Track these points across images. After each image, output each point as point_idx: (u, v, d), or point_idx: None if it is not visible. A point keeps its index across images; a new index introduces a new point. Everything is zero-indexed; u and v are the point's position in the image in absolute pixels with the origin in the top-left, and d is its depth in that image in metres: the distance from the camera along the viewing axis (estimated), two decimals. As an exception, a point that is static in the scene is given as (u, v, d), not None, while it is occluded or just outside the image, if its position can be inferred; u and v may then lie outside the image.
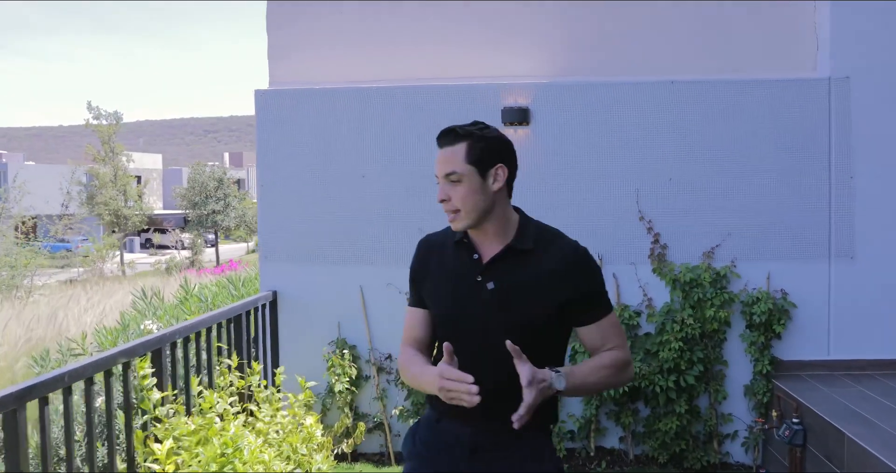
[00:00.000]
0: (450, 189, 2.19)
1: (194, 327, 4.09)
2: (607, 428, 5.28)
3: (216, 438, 3.62)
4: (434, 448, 2.28)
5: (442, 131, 2.22)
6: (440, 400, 2.13)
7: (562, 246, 2.20)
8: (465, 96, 5.29)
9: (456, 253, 2.26)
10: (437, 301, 2.28)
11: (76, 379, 3.02)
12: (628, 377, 2.23)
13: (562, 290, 2.13)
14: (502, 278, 2.17)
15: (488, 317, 2.14)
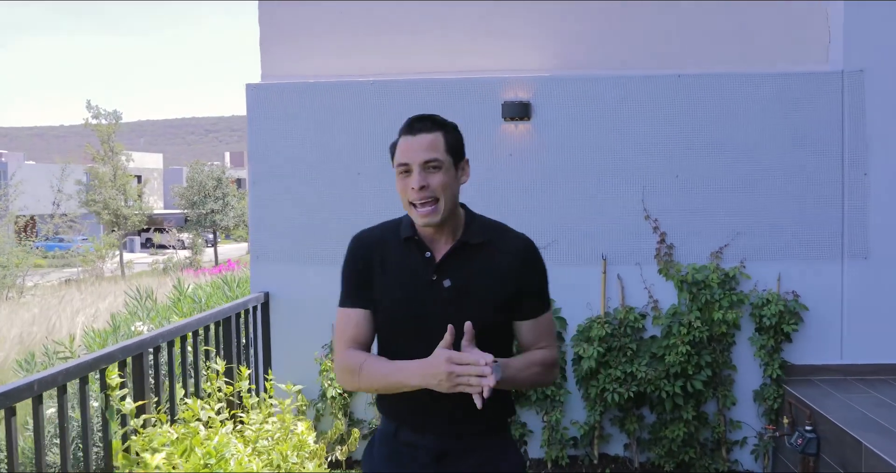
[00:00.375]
0: (430, 177, 2.12)
1: (179, 330, 3.91)
2: (611, 435, 5.09)
3: (199, 448, 3.43)
4: (395, 461, 2.22)
5: (417, 117, 2.17)
6: (396, 410, 2.19)
7: (512, 239, 2.21)
8: (464, 90, 5.10)
9: (405, 251, 2.20)
10: (391, 302, 2.18)
11: (47, 387, 2.83)
12: (555, 377, 2.24)
13: (513, 284, 2.14)
14: (458, 275, 2.14)
15: (447, 316, 2.07)
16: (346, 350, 2.21)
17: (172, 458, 3.31)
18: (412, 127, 2.16)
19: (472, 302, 2.12)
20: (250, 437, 4.03)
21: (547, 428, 5.03)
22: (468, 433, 2.15)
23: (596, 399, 4.95)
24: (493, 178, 5.08)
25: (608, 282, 5.06)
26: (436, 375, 1.96)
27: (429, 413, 2.11)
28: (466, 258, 2.16)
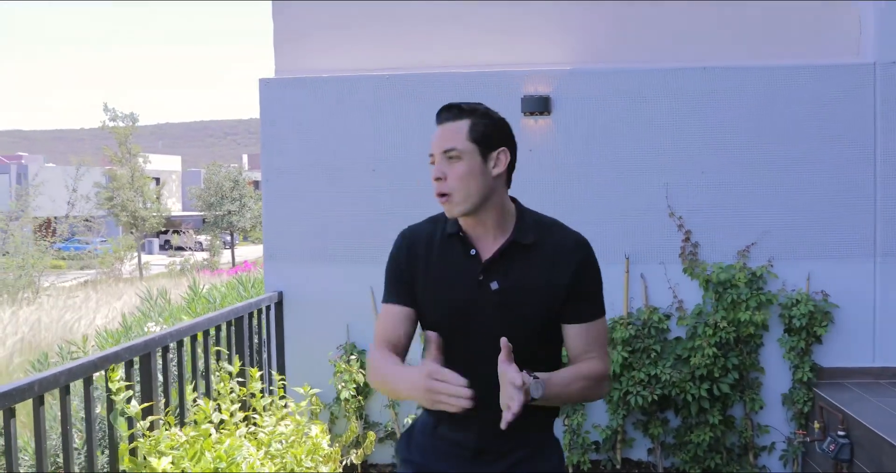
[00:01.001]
0: (447, 167, 2.02)
1: (189, 330, 3.79)
2: (634, 439, 4.93)
3: (209, 451, 3.31)
4: (432, 456, 2.16)
5: (444, 106, 2.07)
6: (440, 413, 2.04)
7: (563, 236, 2.08)
8: (483, 84, 4.96)
9: (449, 247, 2.08)
10: (434, 302, 2.07)
11: (48, 388, 2.71)
12: (606, 391, 2.11)
13: (563, 284, 2.01)
14: (507, 277, 2.02)
15: (494, 319, 1.99)
16: (376, 348, 2.12)
17: (181, 462, 3.20)
18: (439, 116, 2.07)
19: (521, 307, 2.00)
20: (263, 440, 3.91)
21: (568, 432, 4.88)
22: (510, 435, 1.96)
23: (619, 402, 4.80)
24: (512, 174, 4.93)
25: (631, 282, 4.90)
26: (417, 389, 1.82)
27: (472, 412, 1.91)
28: (517, 259, 2.03)
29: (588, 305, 2.05)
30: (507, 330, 1.92)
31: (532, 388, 1.84)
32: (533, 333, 2.01)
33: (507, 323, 1.98)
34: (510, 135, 2.09)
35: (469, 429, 2.07)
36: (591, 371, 2.01)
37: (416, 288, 2.10)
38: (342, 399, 4.88)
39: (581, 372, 2.00)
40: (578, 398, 2.05)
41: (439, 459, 2.15)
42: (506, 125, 2.09)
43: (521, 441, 2.09)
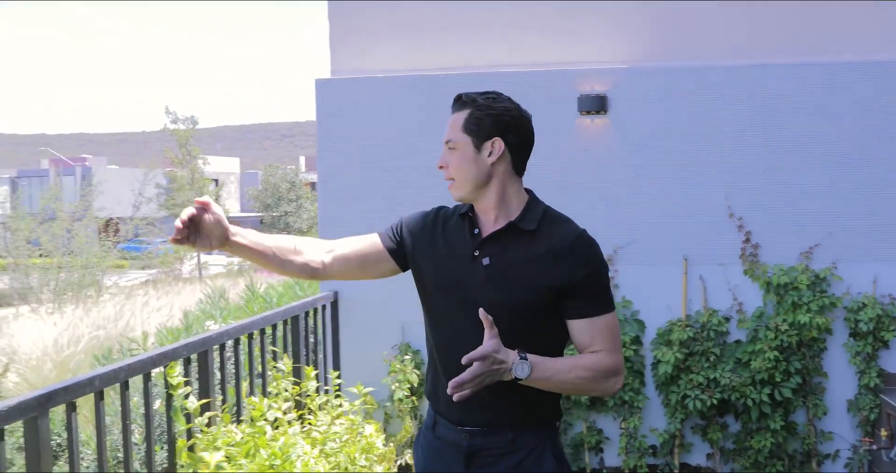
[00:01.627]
0: (448, 156, 2.13)
1: (246, 328, 3.82)
2: (693, 444, 4.84)
3: (264, 449, 3.33)
4: (432, 457, 2.22)
5: (454, 96, 2.16)
6: (435, 398, 2.18)
7: (566, 230, 2.10)
8: (538, 84, 4.93)
9: (460, 225, 2.18)
10: (435, 274, 2.17)
11: (108, 383, 2.75)
12: (611, 387, 2.07)
13: (557, 275, 2.03)
14: (498, 255, 2.08)
15: (480, 295, 2.05)
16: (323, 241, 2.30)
17: (237, 459, 3.22)
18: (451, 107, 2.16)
19: (508, 284, 2.05)
20: (318, 438, 3.92)
21: (625, 436, 4.82)
22: (503, 430, 2.08)
23: (676, 405, 4.72)
24: (567, 174, 4.89)
25: (689, 284, 4.82)
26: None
27: (464, 405, 1.98)
28: (513, 241, 2.09)
29: (590, 300, 2.06)
30: (495, 307, 1.97)
31: (516, 367, 1.91)
32: (522, 316, 2.04)
33: (496, 300, 2.02)
34: (512, 124, 2.11)
35: (463, 424, 2.11)
36: (593, 363, 2.02)
37: (415, 254, 2.21)
38: (396, 399, 4.88)
39: (581, 363, 2.02)
40: (576, 388, 2.06)
41: (438, 460, 2.19)
42: (509, 115, 2.11)
43: (515, 443, 2.09)
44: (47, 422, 2.47)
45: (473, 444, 2.10)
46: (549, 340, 2.09)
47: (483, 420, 2.09)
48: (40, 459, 2.44)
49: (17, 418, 2.35)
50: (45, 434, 2.45)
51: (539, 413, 2.11)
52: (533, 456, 2.09)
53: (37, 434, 2.43)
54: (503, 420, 2.08)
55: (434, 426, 2.21)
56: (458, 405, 1.99)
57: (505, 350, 1.92)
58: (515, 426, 2.09)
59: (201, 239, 2.08)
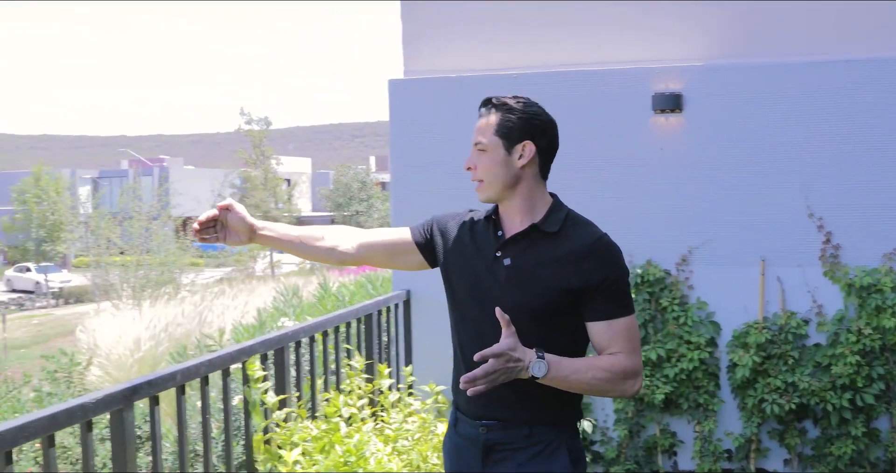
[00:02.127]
0: (477, 158, 2.18)
1: (321, 325, 3.88)
2: (770, 449, 4.74)
3: (339, 445, 3.38)
4: (454, 455, 2.27)
5: (483, 99, 2.22)
6: (458, 399, 2.25)
7: (586, 232, 2.14)
8: (612, 82, 4.88)
9: (485, 227, 2.24)
10: (459, 274, 2.24)
11: (189, 377, 2.83)
12: (629, 389, 2.10)
13: (576, 277, 2.07)
14: (519, 256, 2.13)
15: (501, 295, 2.10)
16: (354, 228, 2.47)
17: (313, 454, 3.28)
18: (479, 110, 2.23)
19: (528, 285, 2.10)
20: (390, 436, 3.95)
21: (699, 439, 4.74)
22: (519, 425, 2.12)
23: (753, 409, 4.63)
24: (642, 173, 4.83)
25: (767, 285, 4.72)
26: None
27: (483, 399, 2.06)
28: (535, 243, 2.14)
29: (607, 303, 2.08)
30: (515, 308, 2.04)
31: (533, 366, 1.96)
32: (538, 315, 2.07)
33: (515, 301, 2.07)
34: (541, 128, 2.17)
35: (478, 420, 2.16)
36: (611, 364, 2.06)
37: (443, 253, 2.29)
38: (468, 398, 4.89)
39: (598, 364, 2.06)
40: (592, 389, 2.08)
41: (458, 458, 2.25)
42: (538, 118, 2.18)
43: (530, 438, 2.12)
44: (132, 414, 2.55)
45: (490, 438, 2.15)
46: (568, 341, 2.12)
47: (500, 414, 2.14)
48: (125, 450, 2.52)
49: (105, 410, 2.44)
50: (130, 426, 2.54)
51: (557, 411, 2.14)
52: (547, 452, 2.12)
53: (122, 426, 2.51)
54: (520, 416, 2.12)
55: (456, 423, 2.27)
56: (476, 399, 2.06)
57: (522, 348, 1.96)
58: (532, 422, 2.13)
59: (230, 236, 2.34)
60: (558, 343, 2.07)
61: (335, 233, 2.42)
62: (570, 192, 4.78)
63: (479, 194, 2.20)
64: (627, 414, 4.84)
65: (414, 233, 2.36)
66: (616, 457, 4.84)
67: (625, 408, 4.85)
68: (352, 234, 2.42)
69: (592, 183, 4.83)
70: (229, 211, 2.33)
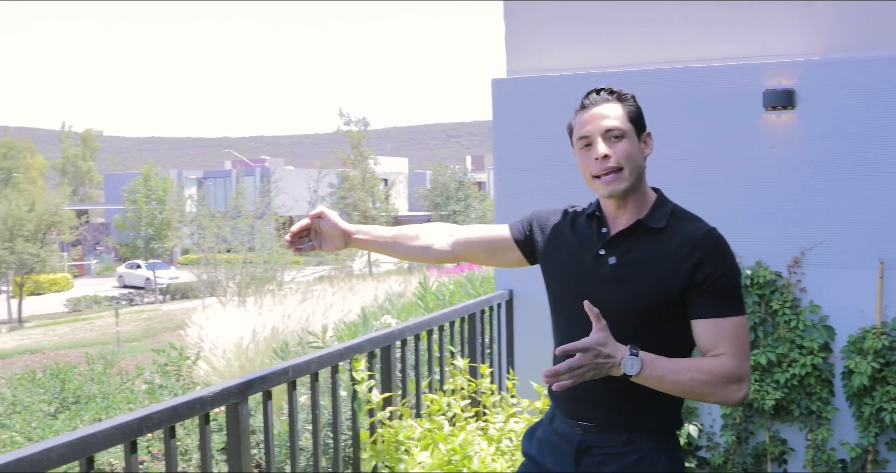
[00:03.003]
0: (611, 146, 2.08)
1: (425, 324, 3.90)
2: (888, 461, 4.53)
3: (443, 443, 3.40)
4: (546, 450, 2.21)
5: (594, 89, 2.17)
6: (555, 396, 2.18)
7: (693, 228, 2.05)
8: (721, 78, 4.76)
9: (587, 225, 2.18)
10: (557, 270, 2.20)
11: (300, 374, 2.89)
12: (733, 395, 1.96)
13: (683, 274, 1.99)
14: (625, 254, 2.07)
15: (605, 294, 2.03)
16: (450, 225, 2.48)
17: (417, 453, 3.30)
18: (588, 99, 2.15)
19: (634, 283, 2.02)
20: (493, 436, 3.95)
21: (811, 447, 4.58)
22: (617, 430, 2.05)
23: (870, 418, 4.44)
24: (751, 172, 4.69)
25: (886, 288, 4.51)
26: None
27: (581, 399, 2.06)
28: (641, 240, 2.07)
29: (714, 300, 1.98)
30: (619, 306, 1.99)
31: (626, 363, 1.88)
32: (646, 316, 2.00)
33: (620, 299, 2.01)
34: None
35: (577, 418, 2.10)
36: (712, 366, 1.94)
37: (543, 250, 2.27)
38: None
39: (699, 365, 1.95)
40: (692, 392, 1.96)
41: (550, 454, 2.18)
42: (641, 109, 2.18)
43: (630, 444, 2.04)
44: (247, 408, 2.62)
45: (585, 440, 2.09)
46: (673, 342, 2.04)
47: (596, 416, 2.07)
48: (239, 442, 2.59)
49: (221, 403, 2.51)
50: (245, 420, 2.60)
51: (656, 417, 2.06)
52: (647, 461, 2.04)
53: (237, 419, 2.58)
54: (617, 420, 2.05)
55: (552, 419, 2.22)
56: (572, 399, 2.07)
57: (615, 344, 1.89)
58: (630, 427, 2.05)
59: (326, 243, 2.37)
60: (662, 345, 1.99)
61: (430, 231, 2.41)
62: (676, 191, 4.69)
63: (608, 186, 2.07)
64: (735, 420, 4.71)
65: (513, 230, 2.34)
66: (723, 464, 4.72)
67: (732, 414, 4.72)
68: (448, 232, 2.41)
69: (698, 181, 4.72)
70: (321, 218, 2.36)
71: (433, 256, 2.41)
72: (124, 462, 2.25)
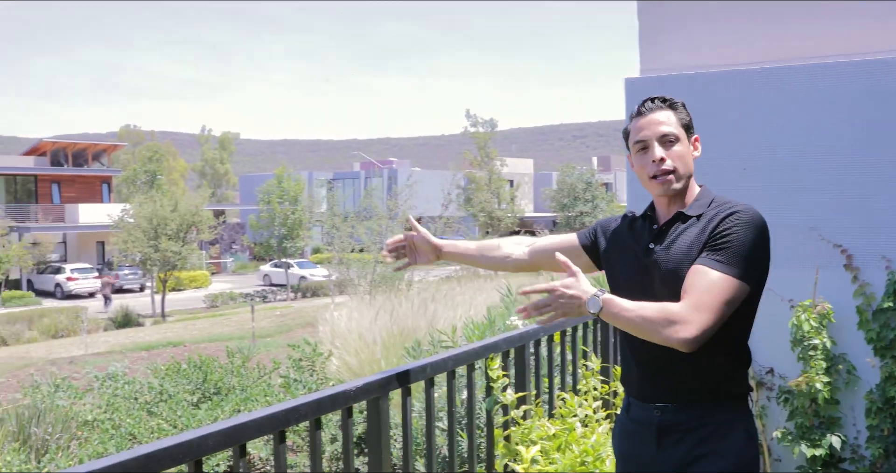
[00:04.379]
0: (666, 150, 2.27)
1: (559, 325, 3.89)
2: None
3: (576, 445, 3.39)
4: (625, 440, 2.34)
5: (647, 99, 2.40)
6: (628, 378, 2.35)
7: (728, 207, 2.20)
8: (866, 73, 4.54)
9: (641, 224, 2.36)
10: (619, 268, 2.37)
11: (438, 371, 2.95)
12: (672, 336, 2.04)
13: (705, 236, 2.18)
14: (669, 245, 2.23)
15: (655, 283, 2.21)
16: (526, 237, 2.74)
17: (551, 453, 3.31)
18: (645, 107, 2.37)
19: (678, 271, 2.17)
20: (626, 439, 3.91)
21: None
22: (692, 405, 2.19)
23: None
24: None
25: None
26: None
27: (654, 381, 2.22)
28: (682, 229, 2.24)
29: (711, 253, 2.13)
30: (668, 292, 2.14)
31: (590, 302, 2.10)
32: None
33: (669, 289, 2.15)
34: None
35: (654, 400, 2.24)
36: (660, 307, 2.08)
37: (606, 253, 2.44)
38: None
39: (650, 305, 2.10)
40: (637, 328, 2.11)
41: (632, 443, 2.31)
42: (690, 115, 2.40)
43: (703, 418, 2.18)
44: (387, 403, 2.69)
45: (664, 420, 2.22)
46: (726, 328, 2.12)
47: (670, 395, 2.21)
48: (380, 436, 2.66)
49: (363, 398, 2.59)
50: (385, 414, 2.67)
51: (725, 385, 2.21)
52: (721, 432, 2.17)
53: (378, 414, 2.66)
54: (692, 396, 2.20)
55: (628, 408, 2.36)
56: (647, 382, 2.25)
57: (582, 288, 2.11)
58: (704, 399, 2.20)
59: (420, 257, 2.65)
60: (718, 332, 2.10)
61: (509, 242, 2.66)
62: (822, 197, 4.52)
63: (664, 186, 2.26)
64: (883, 432, 4.49)
65: (580, 237, 2.54)
66: (869, 477, 4.51)
67: (879, 425, 4.51)
68: (525, 242, 2.64)
69: (853, 178, 4.53)
70: (415, 234, 2.64)
71: (512, 264, 2.65)
72: (273, 450, 2.35)
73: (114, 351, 21.76)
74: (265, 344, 19.41)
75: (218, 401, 7.88)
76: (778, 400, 4.76)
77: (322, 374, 8.39)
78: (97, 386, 8.94)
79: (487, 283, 16.96)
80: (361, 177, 51.73)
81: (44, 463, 7.33)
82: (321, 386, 7.76)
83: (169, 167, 63.60)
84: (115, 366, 10.68)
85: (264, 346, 18.38)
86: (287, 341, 13.04)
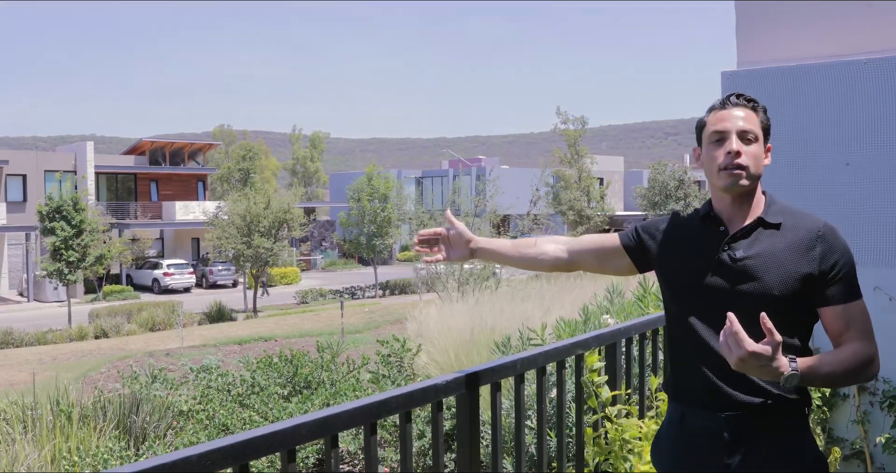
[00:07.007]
0: (743, 145, 2.20)
1: (650, 324, 3.82)
2: None
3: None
4: (682, 450, 2.24)
5: (733, 93, 2.31)
6: (686, 388, 2.25)
7: (811, 221, 2.19)
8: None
9: (703, 227, 2.28)
10: (677, 273, 2.29)
11: (528, 367, 2.92)
12: (871, 374, 2.10)
13: (808, 264, 2.12)
14: (750, 248, 2.17)
15: (730, 289, 2.15)
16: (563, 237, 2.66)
17: (645, 453, 3.25)
18: (729, 100, 2.29)
19: (755, 279, 2.13)
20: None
21: None
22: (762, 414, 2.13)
23: None
24: None
25: None
26: None
27: (719, 390, 2.15)
28: (762, 236, 2.19)
29: (842, 287, 2.12)
30: (747, 299, 2.10)
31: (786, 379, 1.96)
32: (774, 307, 2.06)
33: (748, 292, 2.12)
34: None
35: (720, 409, 2.16)
36: (853, 354, 2.06)
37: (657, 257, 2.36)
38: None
39: (841, 359, 2.05)
40: (841, 384, 2.17)
41: (689, 452, 2.22)
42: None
43: (774, 430, 2.14)
44: (477, 397, 2.68)
45: (735, 430, 2.16)
46: (796, 331, 2.15)
47: (741, 403, 2.15)
48: (470, 430, 2.66)
49: (453, 392, 2.59)
50: (476, 409, 2.67)
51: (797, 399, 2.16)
52: (791, 440, 2.15)
53: (468, 408, 2.65)
54: (761, 406, 2.14)
55: (682, 419, 2.26)
56: (716, 390, 2.15)
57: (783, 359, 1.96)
58: (773, 411, 2.14)
59: (453, 252, 2.57)
60: (787, 333, 2.08)
61: (546, 241, 2.59)
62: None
63: (732, 179, 2.18)
64: None
65: (622, 238, 2.47)
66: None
67: None
68: (562, 241, 2.58)
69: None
70: (451, 227, 2.57)
71: (548, 264, 2.59)
72: (363, 443, 2.37)
73: (207, 344, 22.41)
74: (354, 340, 19.68)
75: (308, 395, 8.02)
76: (882, 406, 4.56)
77: (410, 370, 8.44)
78: (192, 377, 9.22)
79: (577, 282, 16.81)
80: (450, 175, 51.91)
81: (143, 451, 7.59)
82: (409, 381, 7.82)
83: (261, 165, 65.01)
84: (209, 359, 10.97)
85: (353, 342, 18.63)
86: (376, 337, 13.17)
